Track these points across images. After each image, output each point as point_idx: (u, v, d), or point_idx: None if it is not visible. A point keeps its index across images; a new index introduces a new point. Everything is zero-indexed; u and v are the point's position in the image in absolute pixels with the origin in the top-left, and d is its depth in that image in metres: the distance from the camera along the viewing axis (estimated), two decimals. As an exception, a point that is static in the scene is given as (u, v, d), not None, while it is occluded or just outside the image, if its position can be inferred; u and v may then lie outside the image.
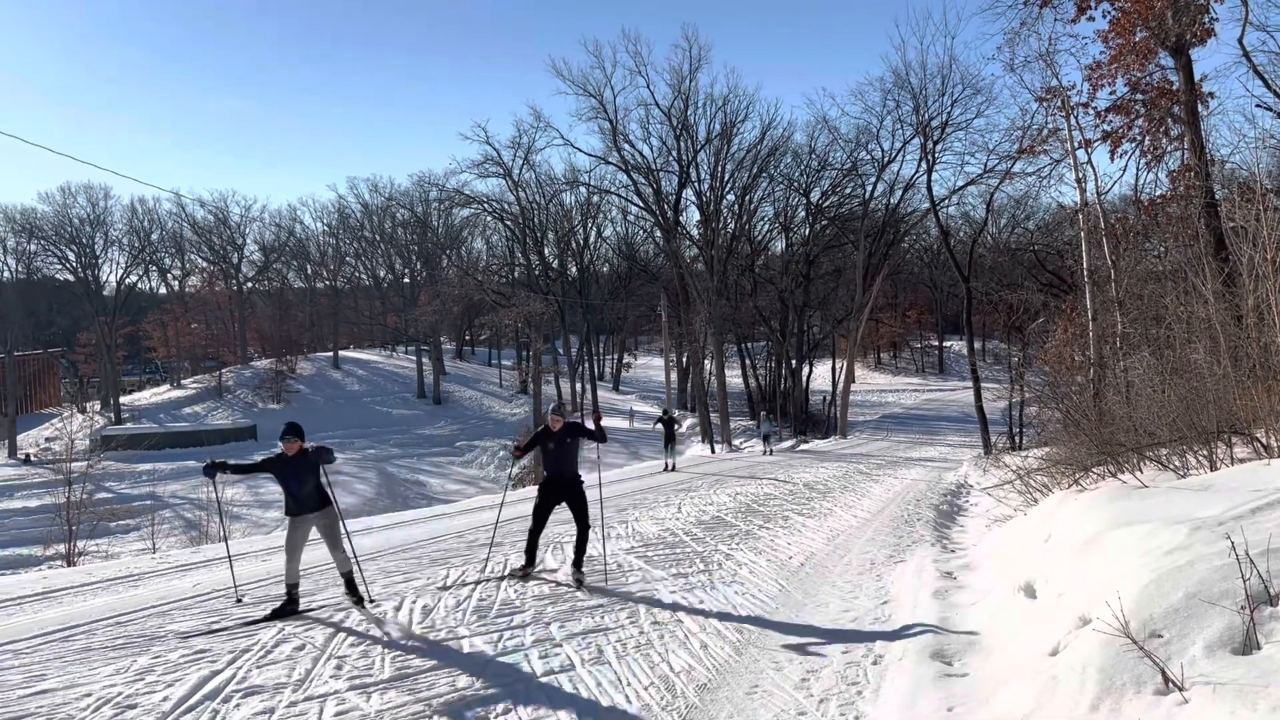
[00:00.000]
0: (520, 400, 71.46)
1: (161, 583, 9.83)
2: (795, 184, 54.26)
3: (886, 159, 47.52)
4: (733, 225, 54.93)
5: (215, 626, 7.58)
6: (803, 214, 56.64)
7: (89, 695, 5.88)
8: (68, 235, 71.85)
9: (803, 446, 39.10)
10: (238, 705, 5.62)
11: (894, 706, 5.46)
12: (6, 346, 64.83)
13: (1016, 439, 35.32)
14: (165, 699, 5.74)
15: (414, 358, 76.30)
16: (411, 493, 53.34)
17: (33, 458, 58.88)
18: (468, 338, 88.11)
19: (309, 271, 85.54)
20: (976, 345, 42.67)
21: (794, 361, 55.89)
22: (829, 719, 5.47)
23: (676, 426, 24.53)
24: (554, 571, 9.80)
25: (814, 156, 52.36)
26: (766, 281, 57.96)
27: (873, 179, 49.04)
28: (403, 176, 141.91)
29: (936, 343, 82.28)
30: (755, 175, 53.06)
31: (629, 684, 6.09)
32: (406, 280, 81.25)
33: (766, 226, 60.30)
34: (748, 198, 54.87)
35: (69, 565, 32.17)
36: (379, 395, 74.38)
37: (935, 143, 41.80)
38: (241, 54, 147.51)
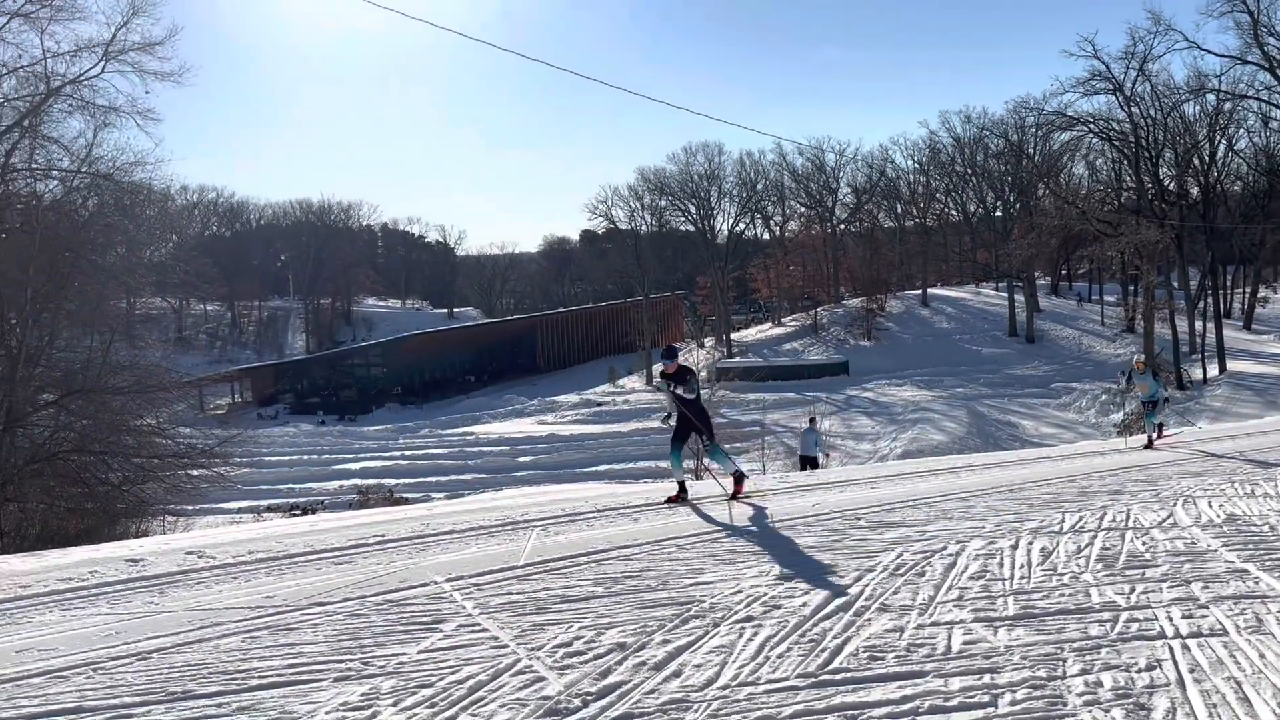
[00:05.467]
0: (1125, 340, 65.19)
1: (784, 500, 10.78)
2: None
3: None
4: None
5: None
6: None
7: (739, 591, 6.67)
8: (689, 190, 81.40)
9: None
10: (869, 620, 5.96)
11: None
12: (644, 289, 75.79)
13: None
14: (804, 605, 6.29)
15: (1005, 294, 73.51)
16: (1002, 434, 51.84)
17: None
18: (1064, 272, 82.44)
19: (899, 210, 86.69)
20: None
21: None
22: None
23: (695, 393, 10.96)
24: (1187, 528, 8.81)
25: None
26: None
27: None
28: (997, 104, 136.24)
29: None
30: None
31: (1304, 663, 5.26)
32: (998, 214, 78.27)
33: None
34: None
35: (698, 479, 37.05)
36: (968, 333, 73.13)
37: None
38: (833, 3, 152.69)
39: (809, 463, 23.17)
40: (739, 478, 11.24)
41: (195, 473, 29.88)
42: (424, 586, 6.95)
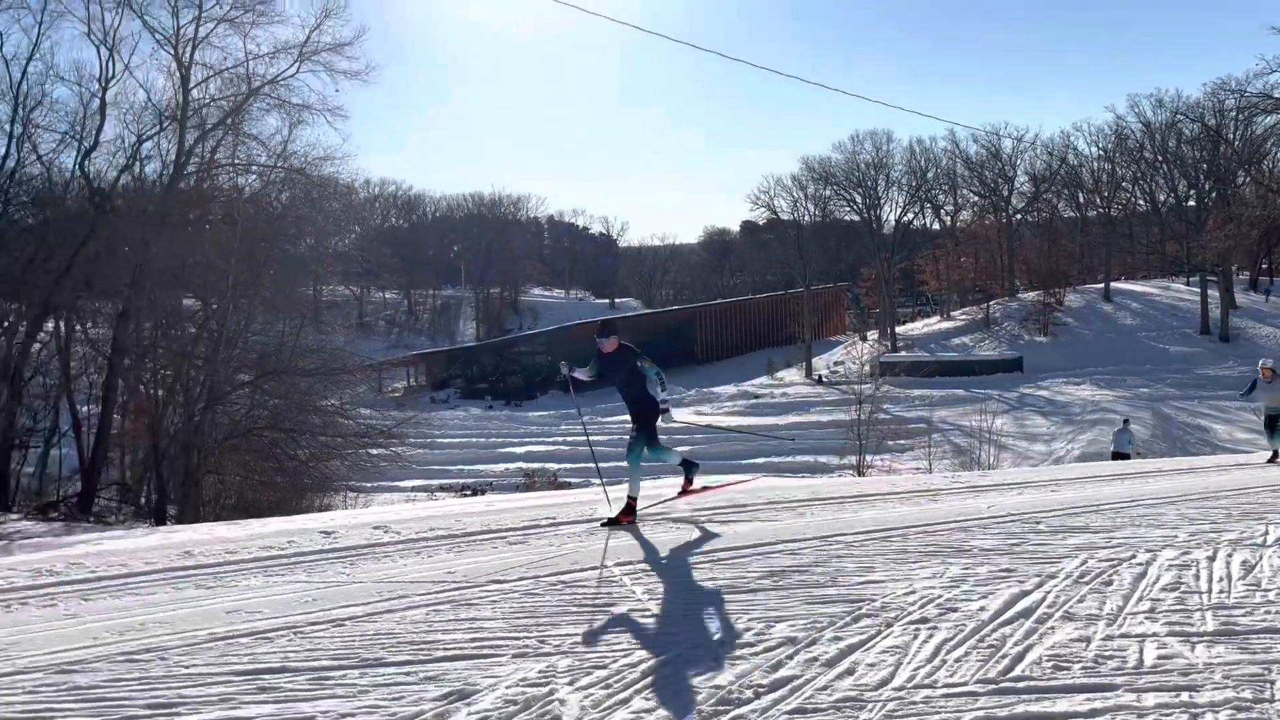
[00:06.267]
0: (1336, 340, 59.87)
1: (957, 500, 10.46)
2: None
3: None
4: None
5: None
6: None
7: (913, 591, 6.52)
8: (855, 179, 79.76)
9: None
10: (1052, 628, 5.71)
11: None
12: (805, 281, 74.81)
13: None
14: (982, 609, 6.09)
15: (1196, 290, 68.67)
16: (1192, 438, 48.56)
17: (824, 379, 67.43)
18: (1265, 266, 76.25)
19: (1080, 200, 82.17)
20: None
21: None
22: None
23: (665, 407, 9.16)
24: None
25: None
26: None
27: None
28: (1192, 87, 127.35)
29: None
30: None
31: None
32: (1190, 203, 73.10)
33: None
34: None
35: (858, 475, 36.38)
36: (1154, 330, 68.80)
37: None
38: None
39: (1120, 457, 25.60)
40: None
41: (375, 451, 31.57)
42: (595, 570, 7.13)
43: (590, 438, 10.43)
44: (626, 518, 8.85)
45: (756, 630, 5.67)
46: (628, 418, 9.08)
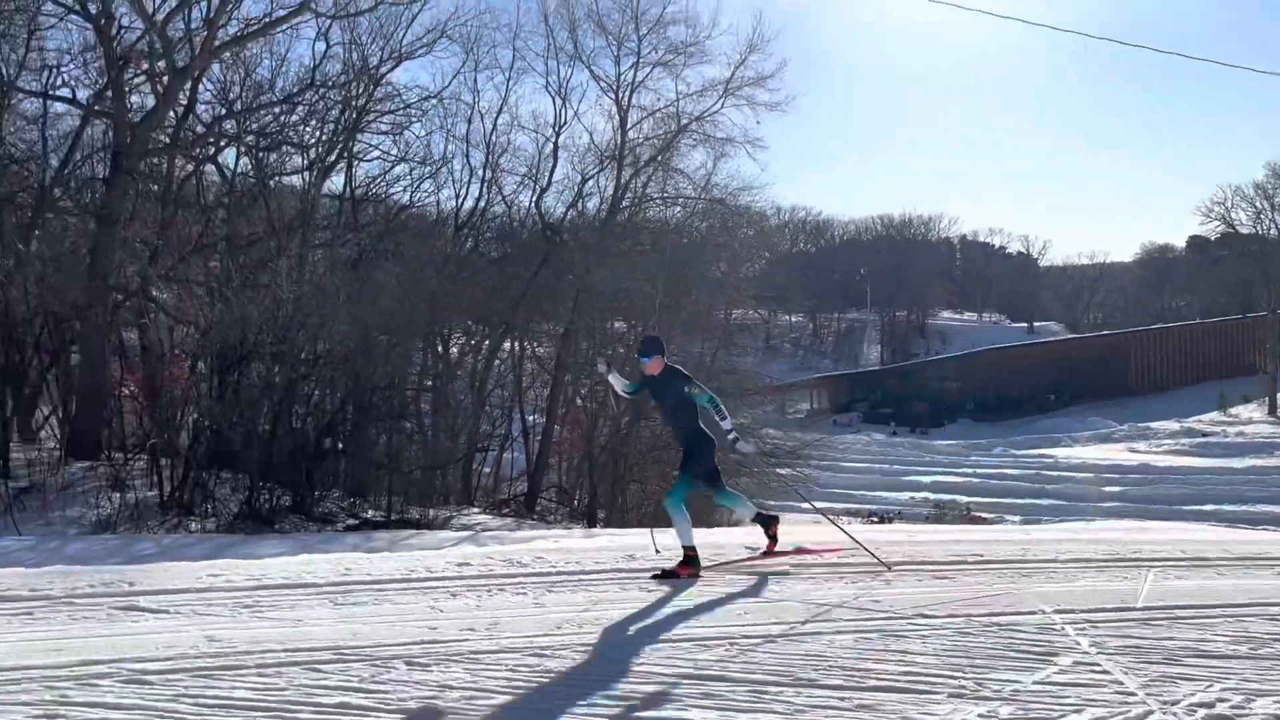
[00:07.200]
0: None
1: None
2: None
3: None
4: None
5: None
6: None
7: None
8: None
9: None
10: None
11: None
12: (1270, 303, 65.00)
13: None
14: None
15: None
16: None
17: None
18: None
19: None
20: None
21: None
22: None
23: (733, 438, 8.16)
24: None
25: None
26: None
27: None
28: None
29: None
30: None
31: None
32: None
33: None
34: None
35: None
36: None
37: None
38: None
39: None
40: (767, 521, 8.40)
41: (782, 471, 32.25)
42: (1031, 614, 6.71)
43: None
44: (685, 570, 7.82)
45: (1232, 703, 5.02)
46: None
